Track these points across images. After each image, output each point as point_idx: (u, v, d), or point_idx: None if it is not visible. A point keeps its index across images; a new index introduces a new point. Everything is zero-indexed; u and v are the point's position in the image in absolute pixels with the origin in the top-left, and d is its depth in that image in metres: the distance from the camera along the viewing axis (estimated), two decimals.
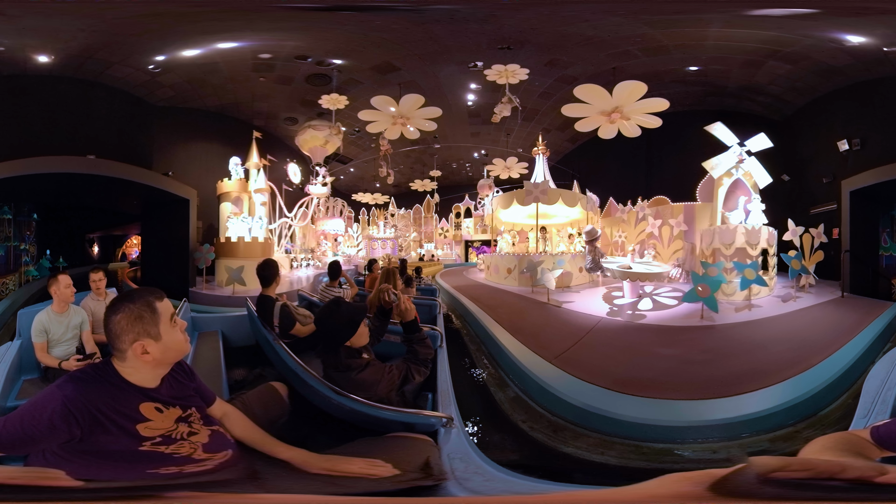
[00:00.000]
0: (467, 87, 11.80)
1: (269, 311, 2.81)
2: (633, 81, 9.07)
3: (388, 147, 12.57)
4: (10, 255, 10.12)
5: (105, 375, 1.19)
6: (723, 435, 2.45)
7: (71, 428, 1.07)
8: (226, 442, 1.30)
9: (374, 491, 1.13)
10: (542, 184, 10.43)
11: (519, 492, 1.20)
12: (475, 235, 22.46)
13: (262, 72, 10.14)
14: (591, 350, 3.94)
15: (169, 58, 8.73)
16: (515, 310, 6.25)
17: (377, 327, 2.22)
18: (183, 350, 1.30)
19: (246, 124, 11.84)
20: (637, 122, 10.39)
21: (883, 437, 0.97)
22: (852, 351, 3.26)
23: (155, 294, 1.29)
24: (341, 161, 18.92)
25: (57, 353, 2.74)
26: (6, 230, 10.10)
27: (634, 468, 2.38)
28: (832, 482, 0.62)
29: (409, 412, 1.58)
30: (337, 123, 11.92)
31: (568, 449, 2.63)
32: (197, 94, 10.74)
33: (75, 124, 8.61)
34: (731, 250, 6.23)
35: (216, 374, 2.27)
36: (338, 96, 10.81)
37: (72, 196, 11.07)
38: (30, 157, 7.73)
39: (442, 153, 19.36)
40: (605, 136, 10.62)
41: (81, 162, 8.06)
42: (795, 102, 10.14)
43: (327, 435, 1.62)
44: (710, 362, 3.33)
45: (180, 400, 1.27)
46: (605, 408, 2.68)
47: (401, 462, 1.24)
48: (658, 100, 9.70)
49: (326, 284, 4.57)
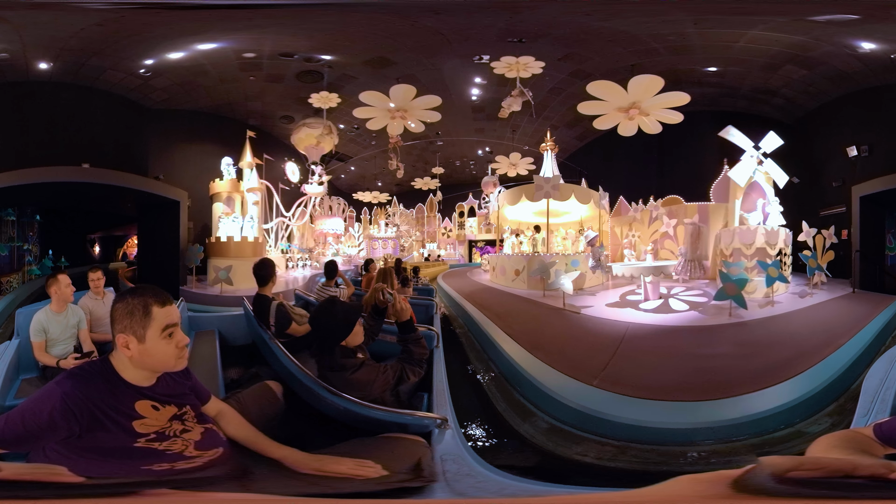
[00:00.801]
0: (472, 82, 11.44)
1: (266, 310, 2.85)
2: (649, 76, 9.00)
3: (397, 139, 12.43)
4: (14, 254, 10.94)
5: (102, 372, 1.22)
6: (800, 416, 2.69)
7: (70, 425, 1.10)
8: (218, 440, 1.33)
9: (361, 492, 1.14)
10: (553, 178, 10.07)
11: (512, 494, 1.20)
12: (479, 235, 22.59)
13: (250, 70, 10.32)
14: (631, 361, 3.55)
15: (159, 61, 9.13)
16: (529, 319, 5.64)
17: (371, 327, 2.25)
18: (168, 365, 1.27)
19: (242, 124, 12.02)
20: (657, 118, 10.28)
21: (886, 434, 1.00)
22: (870, 332, 3.92)
23: (158, 297, 1.26)
24: (341, 159, 18.91)
25: (55, 352, 2.79)
26: (9, 231, 10.89)
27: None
28: (845, 480, 0.64)
29: (402, 413, 1.60)
30: (328, 123, 11.97)
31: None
32: (190, 96, 11.18)
33: (71, 131, 9.09)
34: (751, 250, 6.71)
35: (212, 373, 2.32)
36: (328, 94, 10.73)
37: (71, 200, 11.78)
38: (23, 167, 8.21)
39: (445, 150, 19.33)
40: (624, 133, 10.56)
41: (76, 171, 8.62)
42: (806, 106, 10.37)
43: (322, 434, 1.65)
44: (757, 354, 3.59)
45: (176, 398, 1.30)
46: (683, 420, 2.43)
47: (391, 463, 1.25)
48: (678, 94, 9.53)
49: (323, 284, 4.62)
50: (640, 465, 2.44)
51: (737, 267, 5.50)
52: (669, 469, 2.36)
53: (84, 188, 9.26)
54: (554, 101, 12.85)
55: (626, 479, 2.36)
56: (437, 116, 11.57)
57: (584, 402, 2.87)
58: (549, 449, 2.74)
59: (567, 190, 10.10)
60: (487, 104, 13.24)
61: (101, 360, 1.26)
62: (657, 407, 2.73)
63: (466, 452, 1.38)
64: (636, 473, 2.36)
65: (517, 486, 1.23)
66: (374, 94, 10.00)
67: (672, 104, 9.76)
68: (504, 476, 1.25)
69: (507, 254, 11.28)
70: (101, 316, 3.18)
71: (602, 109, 10.17)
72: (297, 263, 13.75)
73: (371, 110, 10.72)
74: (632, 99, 9.75)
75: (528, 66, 9.03)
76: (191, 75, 10.02)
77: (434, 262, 20.55)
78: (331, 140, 12.28)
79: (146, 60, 8.90)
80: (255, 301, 2.95)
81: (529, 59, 8.76)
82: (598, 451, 2.61)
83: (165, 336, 1.24)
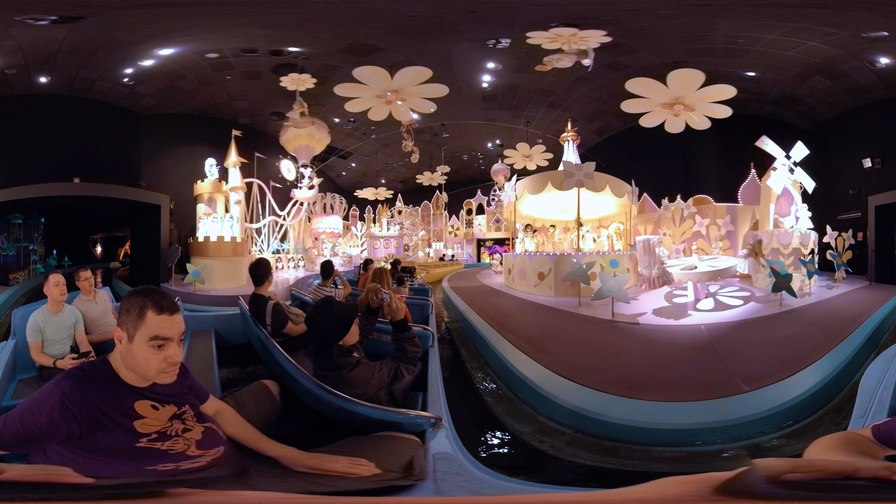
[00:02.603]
0: (483, 68, 10.79)
1: (262, 309, 2.94)
2: (689, 70, 8.96)
3: (411, 120, 11.96)
4: (21, 254, 13.08)
5: (101, 373, 1.26)
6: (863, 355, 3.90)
7: (70, 425, 1.14)
8: (218, 439, 1.39)
9: (354, 490, 1.18)
10: (585, 165, 8.63)
11: (502, 493, 1.23)
12: (488, 234, 21.30)
13: (224, 71, 10.49)
14: (742, 357, 3.63)
15: (140, 69, 9.80)
16: (581, 343, 4.44)
17: (365, 326, 2.32)
18: (148, 375, 1.26)
19: (233, 124, 12.50)
20: (704, 113, 10.17)
21: (884, 435, 1.02)
22: (888, 308, 5.82)
23: (157, 304, 1.26)
24: (342, 156, 18.71)
25: (51, 352, 2.91)
26: (17, 233, 12.97)
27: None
28: (846, 482, 0.65)
29: (398, 411, 1.66)
30: (318, 121, 11.96)
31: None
32: (175, 100, 11.77)
33: (67, 144, 10.39)
34: (788, 250, 7.98)
35: (209, 372, 2.40)
36: (300, 76, 10.45)
37: (70, 208, 13.43)
38: (23, 180, 9.69)
39: (451, 144, 18.05)
40: (671, 131, 10.74)
41: (67, 187, 10.01)
42: (825, 115, 11.49)
43: (318, 433, 1.71)
44: (819, 327, 4.83)
45: (174, 397, 1.35)
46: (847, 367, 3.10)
47: (385, 461, 1.30)
48: (723, 87, 9.32)
49: (319, 284, 4.71)
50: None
51: (778, 265, 6.67)
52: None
53: (79, 198, 10.58)
54: (577, 91, 12.53)
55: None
56: (433, 108, 10.95)
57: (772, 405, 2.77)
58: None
59: (601, 180, 8.75)
60: (500, 91, 12.57)
61: (100, 361, 1.31)
62: (809, 372, 3.28)
63: (459, 451, 1.44)
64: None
65: (507, 485, 1.27)
66: (373, 71, 9.04)
67: (717, 98, 9.64)
68: (494, 476, 1.30)
69: (529, 253, 9.72)
70: (95, 317, 3.28)
71: (646, 107, 10.10)
72: (286, 265, 13.75)
73: (359, 88, 9.72)
74: (673, 94, 9.55)
75: (587, 38, 8.22)
76: (170, 80, 10.67)
77: (449, 262, 20.08)
78: (321, 139, 12.30)
79: (125, 69, 9.58)
80: (251, 300, 3.04)
81: (592, 32, 8.08)
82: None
83: (153, 346, 1.23)
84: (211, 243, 10.33)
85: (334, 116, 14.40)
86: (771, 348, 4.11)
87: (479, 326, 5.14)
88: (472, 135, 17.76)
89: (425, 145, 18.39)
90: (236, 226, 11.13)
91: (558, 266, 7.95)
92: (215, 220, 10.60)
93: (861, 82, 9.62)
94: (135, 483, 1.01)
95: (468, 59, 10.29)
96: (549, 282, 8.11)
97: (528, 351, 3.93)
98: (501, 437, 3.04)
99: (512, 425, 3.13)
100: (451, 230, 22.49)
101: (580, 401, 2.94)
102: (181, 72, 10.30)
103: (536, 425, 3.04)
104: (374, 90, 9.85)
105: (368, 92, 9.96)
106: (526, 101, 13.39)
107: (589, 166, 8.63)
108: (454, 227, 22.48)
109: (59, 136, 10.18)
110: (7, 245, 12.50)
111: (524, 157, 15.70)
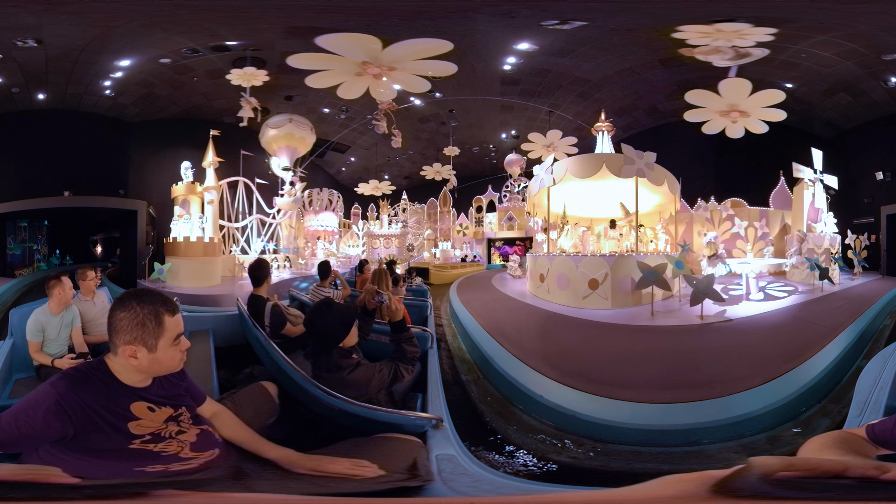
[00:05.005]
0: (510, 49, 9.95)
1: (260, 310, 3.03)
2: (737, 79, 9.94)
3: (390, 103, 11.54)
4: (26, 254, 15.66)
5: (98, 374, 1.31)
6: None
7: (65, 426, 1.18)
8: (213, 441, 1.45)
9: (358, 491, 1.23)
10: (646, 154, 7.81)
11: (507, 493, 1.29)
12: (500, 232, 20.46)
13: (186, 73, 10.97)
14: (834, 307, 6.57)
15: (115, 81, 10.68)
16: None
17: (363, 327, 2.40)
18: (173, 369, 1.40)
19: (216, 124, 13.04)
20: (759, 118, 11.27)
21: (879, 435, 1.08)
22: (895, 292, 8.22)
23: (167, 306, 1.35)
24: (339, 150, 18.42)
25: (50, 350, 3.05)
26: (23, 235, 15.56)
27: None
28: (836, 481, 0.69)
29: (398, 413, 1.73)
30: (299, 119, 12.02)
31: None
32: (156, 105, 12.64)
33: (59, 159, 12.26)
34: (821, 249, 10.04)
35: (206, 374, 2.48)
36: (253, 70, 10.44)
37: (67, 215, 15.48)
38: (22, 193, 11.91)
39: (460, 134, 17.19)
40: (733, 136, 11.99)
41: (58, 200, 12.21)
42: (842, 127, 13.35)
43: (317, 435, 1.78)
44: (854, 301, 7.28)
45: (171, 399, 1.41)
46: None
47: (387, 462, 1.36)
48: (772, 91, 10.35)
49: (317, 285, 4.80)
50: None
51: (815, 261, 8.95)
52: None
53: (71, 208, 12.92)
54: (612, 84, 12.55)
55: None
56: (427, 86, 10.36)
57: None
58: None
59: (660, 173, 7.96)
60: (526, 75, 11.91)
61: (97, 362, 1.35)
62: (856, 324, 5.47)
63: (461, 452, 1.49)
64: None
65: (515, 485, 1.33)
66: (356, 38, 7.86)
67: (769, 102, 10.68)
68: (496, 475, 1.36)
69: (574, 255, 7.81)
70: (93, 318, 3.40)
71: (705, 116, 11.41)
72: (271, 264, 13.85)
73: (327, 59, 8.46)
74: (728, 101, 10.61)
75: (745, 32, 8.33)
76: (145, 88, 11.45)
77: (471, 264, 19.06)
78: (303, 138, 12.34)
79: (102, 82, 10.52)
80: (249, 301, 3.14)
81: (745, 26, 8.24)
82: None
83: (175, 344, 1.36)
84: (181, 244, 11.17)
85: (323, 107, 14.30)
86: (834, 314, 6.25)
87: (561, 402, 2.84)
88: (485, 124, 16.98)
89: (431, 135, 17.67)
90: (208, 226, 11.80)
91: (616, 270, 6.83)
92: (186, 222, 11.51)
93: (876, 99, 11.50)
94: (119, 484, 1.04)
95: (492, 38, 9.55)
96: (604, 291, 6.80)
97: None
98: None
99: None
100: (460, 229, 21.58)
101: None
102: (150, 79, 11.16)
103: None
104: (347, 62, 8.51)
105: (339, 64, 8.61)
106: (554, 87, 13.05)
107: (650, 156, 7.83)
108: (463, 226, 21.60)
109: (54, 150, 11.85)
110: (14, 245, 15.23)
111: (545, 148, 15.09)
